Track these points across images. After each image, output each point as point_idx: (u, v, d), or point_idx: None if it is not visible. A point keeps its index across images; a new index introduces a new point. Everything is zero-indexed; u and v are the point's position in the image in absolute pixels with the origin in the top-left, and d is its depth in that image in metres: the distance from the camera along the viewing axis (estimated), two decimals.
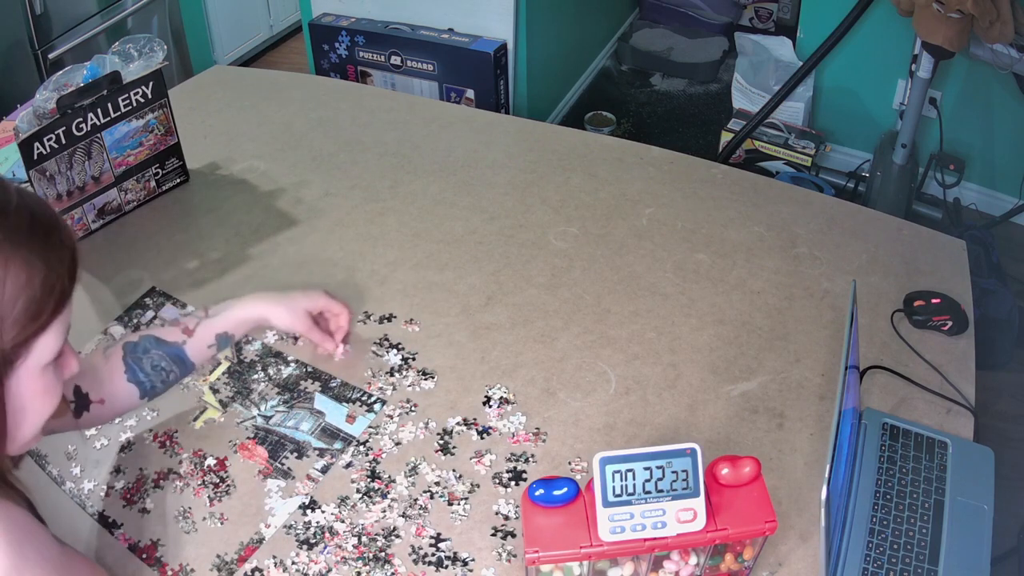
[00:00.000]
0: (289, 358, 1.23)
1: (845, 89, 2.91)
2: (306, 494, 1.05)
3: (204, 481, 1.07)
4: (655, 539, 0.83)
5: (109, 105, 1.39)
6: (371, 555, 0.98)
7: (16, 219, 0.68)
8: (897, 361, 1.21)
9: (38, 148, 1.30)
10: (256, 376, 1.21)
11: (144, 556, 0.98)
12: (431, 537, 1.00)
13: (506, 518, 1.02)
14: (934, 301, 1.27)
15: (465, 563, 0.97)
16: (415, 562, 0.97)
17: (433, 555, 0.98)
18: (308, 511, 1.03)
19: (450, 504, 1.03)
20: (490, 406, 1.16)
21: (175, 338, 1.04)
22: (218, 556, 0.98)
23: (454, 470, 1.07)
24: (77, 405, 0.95)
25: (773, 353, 1.23)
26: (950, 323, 1.25)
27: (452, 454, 1.09)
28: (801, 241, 1.43)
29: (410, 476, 1.07)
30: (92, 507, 1.03)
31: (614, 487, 0.82)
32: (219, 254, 1.43)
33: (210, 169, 1.64)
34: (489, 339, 1.26)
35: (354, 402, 1.17)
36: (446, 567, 0.97)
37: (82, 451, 1.11)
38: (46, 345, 0.72)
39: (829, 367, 1.20)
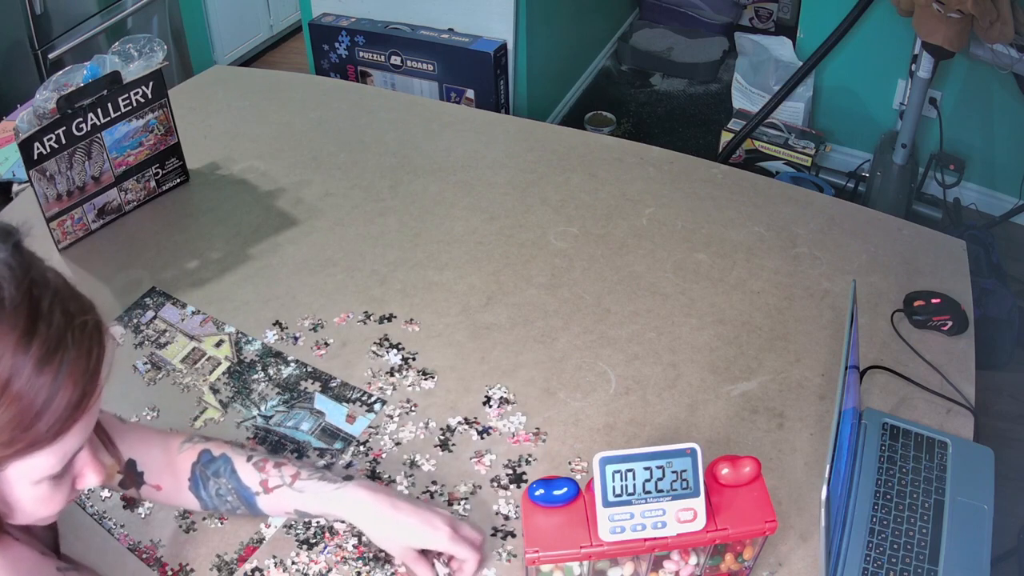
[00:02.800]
0: (289, 358, 1.23)
1: (845, 89, 2.91)
2: None
3: None
4: (655, 539, 0.83)
5: (109, 105, 1.39)
6: (371, 555, 0.98)
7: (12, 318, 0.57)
8: (897, 361, 1.21)
9: (38, 148, 1.30)
10: (256, 376, 1.21)
11: (144, 556, 0.98)
12: None
13: (506, 518, 1.02)
14: (934, 301, 1.27)
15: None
16: None
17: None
18: None
19: (450, 504, 1.03)
20: (490, 406, 1.16)
21: (251, 483, 0.91)
22: (218, 556, 0.98)
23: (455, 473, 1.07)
24: (125, 480, 0.87)
25: (773, 353, 1.23)
26: (950, 323, 1.25)
27: (451, 451, 1.09)
28: (801, 241, 1.43)
29: (410, 476, 1.07)
30: (92, 507, 1.03)
31: (614, 487, 0.82)
32: (219, 254, 1.43)
33: (210, 169, 1.64)
34: (489, 339, 1.26)
35: (354, 402, 1.17)
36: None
37: None
38: (39, 464, 0.61)
39: (829, 367, 1.20)
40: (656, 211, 1.50)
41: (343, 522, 1.01)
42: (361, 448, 1.10)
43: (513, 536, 1.00)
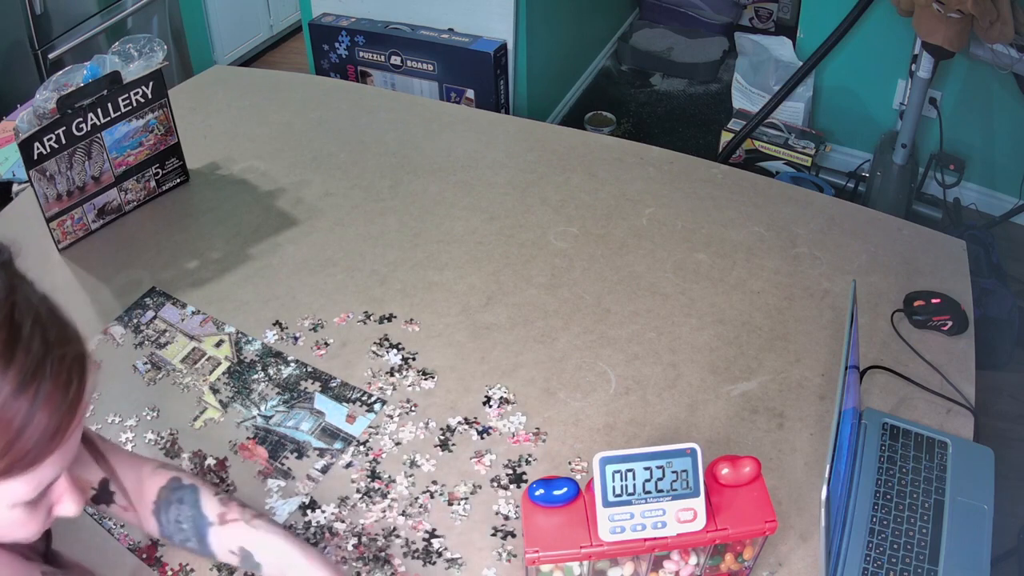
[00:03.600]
0: (289, 358, 1.23)
1: (845, 89, 2.91)
2: (306, 494, 1.05)
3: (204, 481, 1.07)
4: (655, 539, 0.83)
5: (109, 105, 1.39)
6: (371, 555, 0.98)
7: None
8: (897, 361, 1.21)
9: (38, 148, 1.30)
10: (256, 376, 1.21)
11: (144, 556, 0.98)
12: (425, 532, 1.00)
13: (506, 518, 1.02)
14: (934, 301, 1.27)
15: (456, 561, 0.97)
16: (405, 555, 0.97)
17: (423, 550, 0.98)
18: (308, 511, 1.03)
19: (450, 504, 1.03)
20: (490, 406, 1.16)
21: (210, 512, 0.88)
22: None
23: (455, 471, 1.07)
24: (98, 496, 0.86)
25: (773, 353, 1.23)
26: (950, 323, 1.25)
27: (451, 451, 1.09)
28: (801, 241, 1.43)
29: (410, 476, 1.07)
30: (93, 507, 1.03)
31: (614, 487, 0.82)
32: (219, 254, 1.43)
33: (210, 169, 1.64)
34: (489, 339, 1.26)
35: (354, 402, 1.16)
36: (434, 563, 0.97)
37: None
38: (14, 490, 0.59)
39: (829, 367, 1.20)
40: (656, 211, 1.50)
41: (343, 522, 1.01)
42: (361, 448, 1.10)
43: (513, 536, 1.00)
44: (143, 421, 1.15)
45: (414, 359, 1.23)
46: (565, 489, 0.85)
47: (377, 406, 1.16)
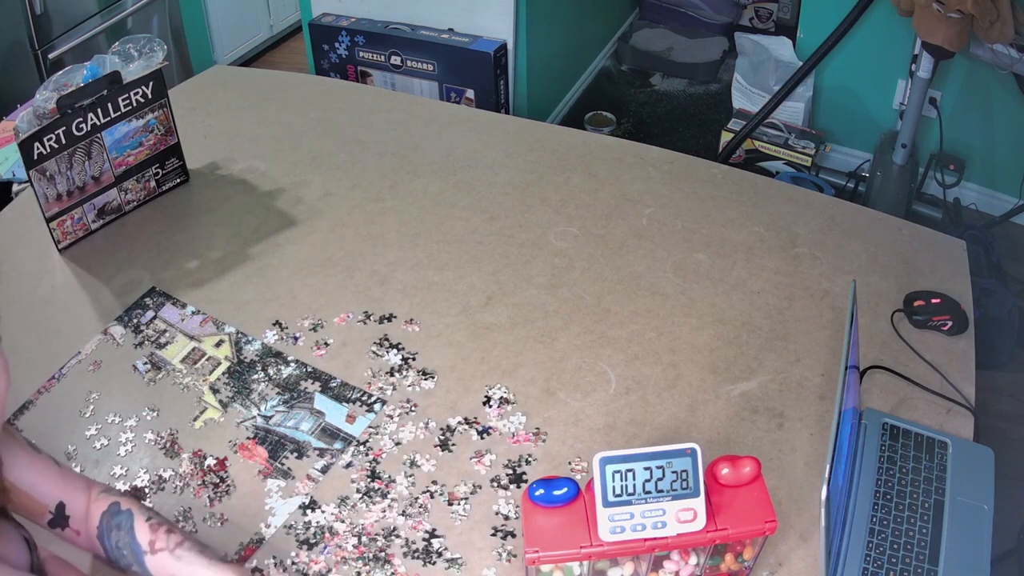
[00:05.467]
0: (289, 358, 1.23)
1: (845, 89, 2.91)
2: (306, 494, 1.05)
3: (204, 481, 1.07)
4: (655, 539, 0.83)
5: (109, 105, 1.39)
6: (371, 555, 0.98)
7: None
8: (897, 361, 1.21)
9: (38, 148, 1.30)
10: (256, 376, 1.21)
11: None
12: (425, 532, 1.00)
13: (506, 518, 1.02)
14: (934, 301, 1.27)
15: (456, 561, 0.97)
16: (405, 555, 0.97)
17: (423, 550, 0.98)
18: (308, 511, 1.03)
19: (450, 504, 1.03)
20: (490, 406, 1.16)
21: (143, 540, 0.89)
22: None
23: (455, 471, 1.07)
24: (54, 520, 0.87)
25: (773, 353, 1.23)
26: (950, 323, 1.25)
27: (451, 451, 1.09)
28: (801, 241, 1.43)
29: (410, 476, 1.07)
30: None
31: (614, 487, 0.82)
32: (219, 254, 1.43)
33: (210, 169, 1.64)
34: (489, 339, 1.26)
35: (354, 402, 1.16)
36: (434, 563, 0.97)
37: (82, 451, 1.11)
38: None
39: (829, 367, 1.20)
40: (656, 211, 1.50)
41: (343, 522, 1.01)
42: (361, 448, 1.10)
43: (513, 536, 1.00)
44: (143, 421, 1.15)
45: (414, 359, 1.23)
46: (565, 489, 0.85)
47: (377, 406, 1.16)
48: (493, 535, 1.00)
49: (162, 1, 3.02)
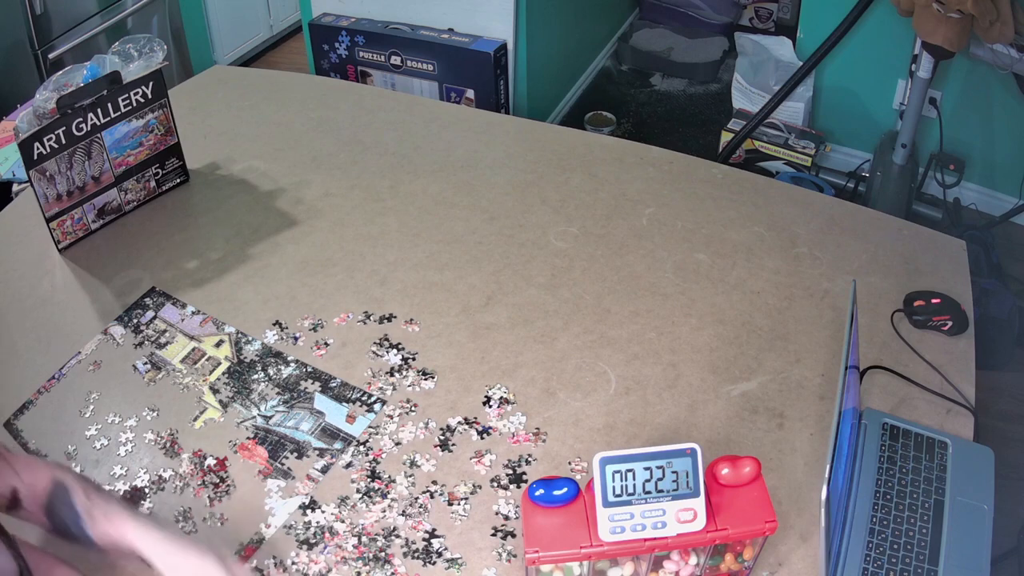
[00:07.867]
0: (289, 358, 1.23)
1: (845, 89, 2.91)
2: (306, 494, 1.05)
3: (204, 481, 1.07)
4: (655, 539, 0.83)
5: (109, 105, 1.39)
6: (371, 555, 0.98)
7: None
8: (897, 361, 1.21)
9: (38, 148, 1.30)
10: (256, 376, 1.21)
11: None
12: (425, 532, 1.00)
13: (506, 518, 1.02)
14: (934, 301, 1.27)
15: (456, 561, 0.97)
16: (405, 555, 0.97)
17: (423, 550, 0.98)
18: (308, 511, 1.03)
19: (450, 504, 1.03)
20: (490, 406, 1.16)
21: (81, 508, 0.89)
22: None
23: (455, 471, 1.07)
24: (10, 504, 0.90)
25: (773, 353, 1.23)
26: (950, 323, 1.25)
27: (451, 451, 1.09)
28: (801, 241, 1.43)
29: (410, 476, 1.07)
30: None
31: (614, 487, 0.82)
32: (219, 254, 1.43)
33: (210, 169, 1.64)
34: (489, 339, 1.26)
35: (354, 402, 1.16)
36: (434, 563, 0.97)
37: (82, 451, 1.11)
38: None
39: (829, 367, 1.20)
40: (656, 211, 1.50)
41: (343, 522, 1.01)
42: (361, 448, 1.10)
43: (513, 536, 1.00)
44: (143, 421, 1.15)
45: (414, 359, 1.23)
46: (565, 489, 0.85)
47: (377, 406, 1.16)
48: (493, 535, 1.00)
49: (162, 1, 3.02)
